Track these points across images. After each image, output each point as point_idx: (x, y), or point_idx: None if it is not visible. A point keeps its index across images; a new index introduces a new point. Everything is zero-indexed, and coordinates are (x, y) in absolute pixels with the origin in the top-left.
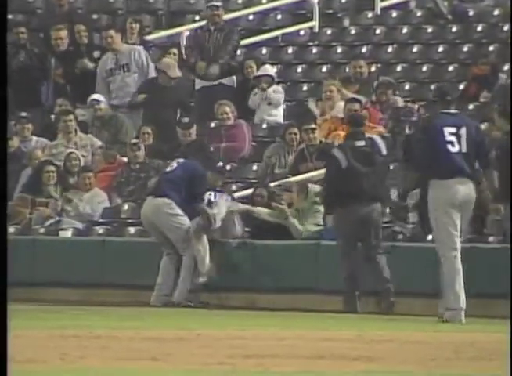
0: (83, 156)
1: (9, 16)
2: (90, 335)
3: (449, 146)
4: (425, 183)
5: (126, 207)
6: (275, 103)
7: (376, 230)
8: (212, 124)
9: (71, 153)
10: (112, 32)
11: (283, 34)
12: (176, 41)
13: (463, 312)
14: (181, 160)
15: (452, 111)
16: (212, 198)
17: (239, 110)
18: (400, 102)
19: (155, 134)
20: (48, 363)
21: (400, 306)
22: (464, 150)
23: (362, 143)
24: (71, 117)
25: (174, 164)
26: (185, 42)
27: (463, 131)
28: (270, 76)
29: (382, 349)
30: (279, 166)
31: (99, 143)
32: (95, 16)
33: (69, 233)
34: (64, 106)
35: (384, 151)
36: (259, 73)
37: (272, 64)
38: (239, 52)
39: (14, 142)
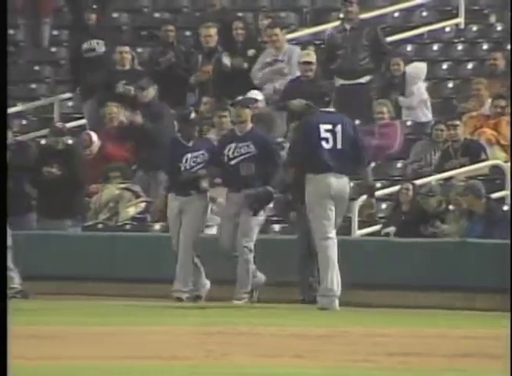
0: None
1: (156, 15)
2: (234, 332)
3: (323, 143)
4: (302, 177)
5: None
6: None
7: None
8: (357, 122)
9: None
10: (277, 30)
11: (429, 31)
12: (321, 39)
13: (336, 300)
14: None
15: (330, 109)
16: None
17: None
18: None
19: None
20: (193, 360)
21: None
22: (339, 146)
23: None
24: (226, 113)
25: None
26: (325, 40)
27: (339, 128)
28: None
29: None
30: (425, 163)
31: None
32: (240, 14)
33: (214, 230)
34: (209, 105)
35: None
36: (406, 70)
37: (418, 61)
38: (383, 49)
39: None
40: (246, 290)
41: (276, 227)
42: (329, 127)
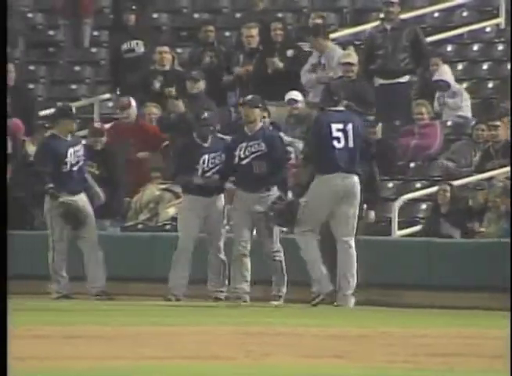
0: None
1: (195, 15)
2: (273, 332)
3: (335, 142)
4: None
5: None
6: (455, 105)
7: None
8: (397, 123)
9: None
10: (320, 38)
11: (469, 31)
12: (361, 39)
13: (352, 298)
14: None
15: (339, 108)
16: None
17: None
18: None
19: None
20: (234, 360)
21: None
22: (351, 145)
23: None
24: (266, 113)
25: None
26: (365, 40)
27: (350, 126)
28: (445, 81)
29: None
30: (465, 164)
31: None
32: (279, 15)
33: None
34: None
35: None
36: (437, 77)
37: (457, 61)
38: (423, 49)
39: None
40: (282, 290)
41: None
42: (341, 126)
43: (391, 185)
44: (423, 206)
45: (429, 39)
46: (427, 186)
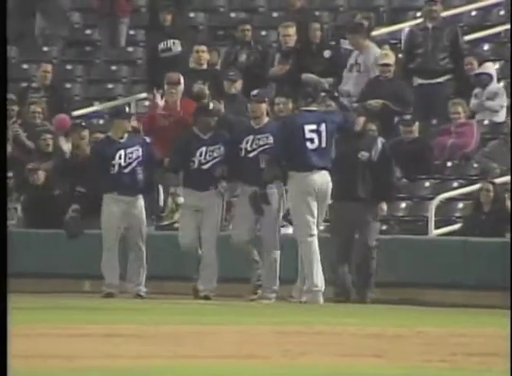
0: None
1: (232, 14)
2: (310, 331)
3: (308, 143)
4: (285, 176)
5: None
6: (494, 104)
7: None
8: (434, 121)
9: None
10: (357, 36)
11: (506, 30)
12: (398, 38)
13: (321, 294)
14: None
15: (312, 108)
16: None
17: None
18: None
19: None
20: (270, 359)
21: None
22: (324, 145)
23: None
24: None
25: None
26: (404, 39)
27: (323, 127)
28: (489, 74)
29: None
30: (501, 163)
31: None
32: (317, 13)
33: (290, 230)
34: (282, 105)
35: None
36: (480, 70)
37: (494, 60)
38: (461, 48)
39: None
40: (274, 288)
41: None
42: (314, 127)
43: (427, 184)
44: (460, 205)
45: (466, 38)
46: (463, 185)
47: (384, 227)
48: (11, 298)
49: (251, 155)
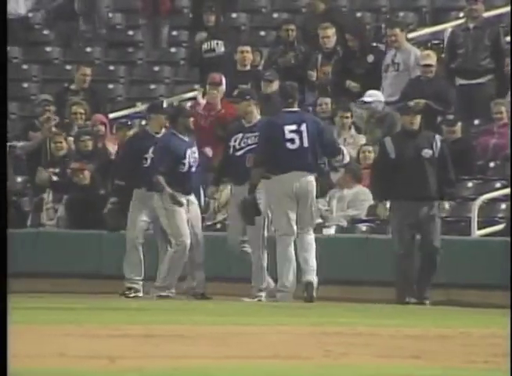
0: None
1: (275, 15)
2: (352, 332)
3: (288, 144)
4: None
5: None
6: None
7: None
8: (476, 122)
9: None
10: (397, 30)
11: None
12: (440, 39)
13: (291, 295)
14: None
15: (293, 109)
16: None
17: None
18: None
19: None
20: (312, 360)
21: None
22: (306, 144)
23: None
24: (349, 113)
25: None
26: (446, 40)
27: (304, 127)
28: None
29: None
30: None
31: (363, 141)
32: (359, 14)
33: (332, 231)
34: (325, 105)
35: None
36: None
37: None
38: (502, 48)
39: None
40: (261, 287)
41: (363, 227)
42: (294, 127)
43: (470, 184)
44: (503, 206)
45: (507, 38)
46: (506, 185)
47: None
48: (54, 298)
49: (239, 154)
